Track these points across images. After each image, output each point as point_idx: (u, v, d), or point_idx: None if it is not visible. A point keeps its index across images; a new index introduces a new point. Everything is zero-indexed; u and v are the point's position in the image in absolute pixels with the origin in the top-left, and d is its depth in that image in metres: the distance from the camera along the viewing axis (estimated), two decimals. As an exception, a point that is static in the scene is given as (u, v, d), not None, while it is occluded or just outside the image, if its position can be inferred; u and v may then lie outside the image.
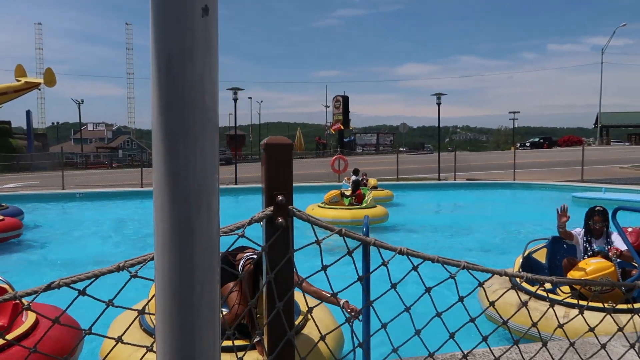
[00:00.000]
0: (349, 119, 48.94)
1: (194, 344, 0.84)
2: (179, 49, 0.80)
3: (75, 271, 5.86)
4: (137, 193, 19.44)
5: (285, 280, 1.09)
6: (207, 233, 0.84)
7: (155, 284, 0.86)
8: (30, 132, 47.19)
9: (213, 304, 0.85)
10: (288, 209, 1.05)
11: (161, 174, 0.82)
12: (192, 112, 0.81)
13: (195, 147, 0.82)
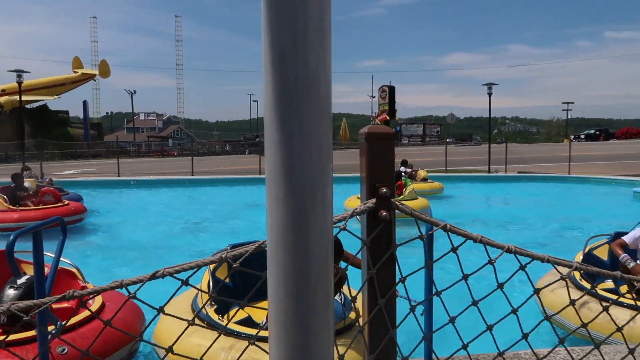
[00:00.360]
0: (395, 110, 48.30)
1: (308, 337, 0.82)
2: (292, 40, 0.77)
3: (135, 255, 6.10)
4: (189, 181, 19.97)
5: (387, 277, 1.06)
6: (322, 225, 0.81)
7: (268, 276, 0.84)
8: (87, 122, 49.25)
9: (327, 298, 0.83)
10: (391, 201, 1.02)
11: (276, 165, 0.80)
12: (306, 104, 0.79)
13: (311, 138, 0.79)
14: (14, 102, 40.57)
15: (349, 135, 61.72)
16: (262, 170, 22.37)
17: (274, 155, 0.79)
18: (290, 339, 0.82)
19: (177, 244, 9.74)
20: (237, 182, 20.06)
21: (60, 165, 29.74)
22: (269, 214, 0.82)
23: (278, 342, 0.83)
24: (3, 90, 41.63)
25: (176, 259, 8.55)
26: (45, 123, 42.57)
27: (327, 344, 0.84)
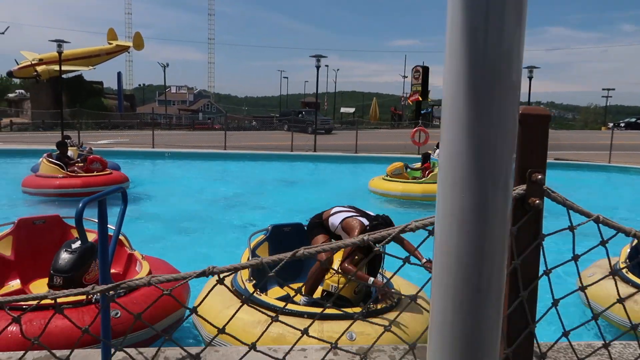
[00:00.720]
0: (428, 90, 47.50)
1: (479, 329, 0.77)
2: (485, 20, 0.69)
3: (172, 225, 6.13)
4: (221, 155, 20.13)
5: (531, 268, 0.99)
6: (502, 214, 0.75)
7: (435, 263, 0.78)
8: (121, 93, 49.93)
9: (500, 288, 0.77)
10: (543, 189, 0.94)
11: (457, 149, 0.73)
12: (496, 89, 0.71)
13: (498, 123, 0.72)
14: (50, 72, 41.37)
15: (378, 115, 61.07)
16: (294, 147, 22.38)
17: (457, 139, 0.72)
18: (460, 330, 0.76)
19: (212, 216, 9.85)
20: (269, 158, 20.12)
21: (94, 135, 30.34)
22: (443, 199, 0.75)
23: (443, 333, 0.78)
24: (41, 60, 42.46)
25: (211, 232, 8.66)
26: (81, 93, 43.33)
27: (496, 338, 0.78)
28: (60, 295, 1.03)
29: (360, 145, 23.25)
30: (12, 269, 4.47)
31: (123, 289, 0.93)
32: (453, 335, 0.78)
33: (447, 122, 0.74)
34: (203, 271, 0.94)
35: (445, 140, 0.75)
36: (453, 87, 0.73)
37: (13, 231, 4.59)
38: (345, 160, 20.96)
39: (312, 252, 0.93)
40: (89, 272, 3.99)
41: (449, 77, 0.73)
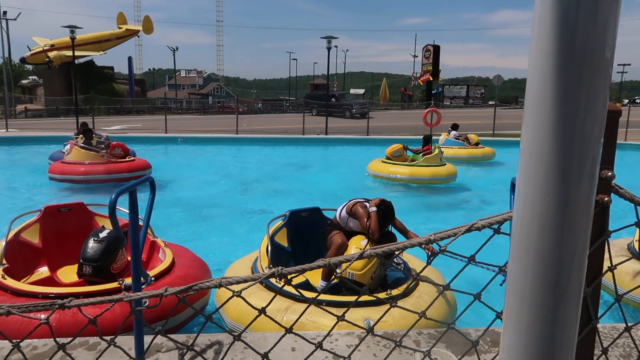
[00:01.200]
0: (439, 70, 46.92)
1: (556, 329, 0.77)
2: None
3: (191, 212, 6.19)
4: (233, 139, 20.17)
5: (596, 264, 0.99)
6: (587, 208, 0.74)
7: (512, 260, 0.78)
8: (132, 78, 49.97)
9: (579, 286, 0.77)
10: (611, 185, 0.93)
11: (541, 137, 0.72)
12: (590, 68, 0.69)
13: (588, 109, 0.70)
14: (62, 57, 41.46)
15: (388, 96, 60.55)
16: (305, 130, 22.33)
17: (542, 130, 0.71)
18: (537, 328, 0.77)
19: (228, 202, 9.90)
20: (281, 142, 20.11)
21: (107, 121, 30.50)
22: (523, 195, 0.75)
23: (520, 329, 0.78)
24: (52, 45, 42.54)
25: (229, 218, 8.72)
26: (92, 78, 43.46)
27: (573, 335, 0.78)
28: (135, 297, 1.05)
29: (371, 128, 23.14)
30: (41, 256, 4.54)
31: (194, 290, 0.94)
32: (530, 334, 0.78)
33: (531, 107, 0.72)
34: (272, 273, 0.95)
35: (529, 127, 0.73)
36: (541, 70, 0.70)
37: (40, 219, 4.66)
38: (357, 142, 20.89)
39: (381, 252, 0.94)
40: (116, 261, 4.05)
41: (537, 58, 0.71)
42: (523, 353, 0.79)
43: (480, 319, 3.42)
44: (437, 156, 11.38)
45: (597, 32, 0.69)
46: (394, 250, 0.96)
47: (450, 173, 11.38)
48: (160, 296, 0.98)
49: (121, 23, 49.42)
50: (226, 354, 2.95)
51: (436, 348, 3.18)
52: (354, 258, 0.90)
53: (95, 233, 4.18)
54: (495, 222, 0.94)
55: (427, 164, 11.20)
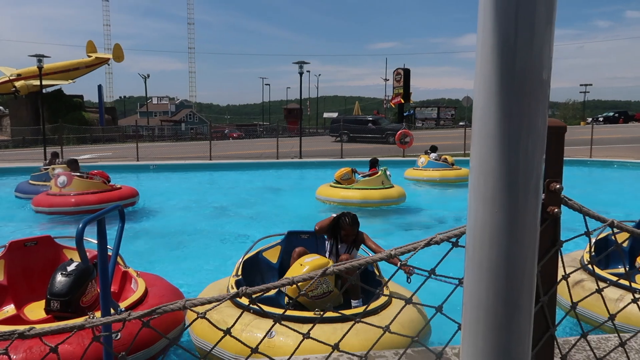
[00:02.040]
0: (410, 92, 47.91)
1: (511, 338, 0.79)
2: (516, 25, 0.72)
3: (165, 239, 6.12)
4: (207, 165, 20.05)
5: (551, 274, 1.02)
6: (533, 223, 0.78)
7: (467, 275, 0.81)
8: (102, 106, 49.42)
9: (531, 297, 0.80)
10: (560, 197, 0.98)
11: (488, 159, 0.76)
12: (528, 92, 0.74)
13: (529, 129, 0.75)
14: (29, 87, 40.83)
15: (361, 118, 61.37)
16: (279, 154, 22.36)
17: (488, 149, 0.75)
18: (493, 340, 0.79)
19: (202, 227, 9.79)
20: (255, 167, 20.08)
21: (76, 150, 29.96)
22: (474, 211, 0.78)
23: (476, 341, 0.80)
24: (19, 75, 41.88)
25: (203, 244, 8.62)
26: (61, 107, 42.82)
27: (527, 345, 0.81)
28: (98, 323, 1.03)
29: (345, 150, 23.34)
30: (6, 293, 4.38)
31: (158, 314, 0.93)
32: (486, 345, 0.80)
33: (478, 132, 0.76)
34: (237, 293, 0.95)
35: (476, 150, 0.77)
36: (486, 96, 0.75)
37: (5, 254, 4.50)
38: (332, 165, 21.01)
39: (341, 269, 0.96)
40: (85, 294, 3.93)
41: (482, 87, 0.75)
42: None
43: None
44: (378, 179, 11.27)
45: (534, 56, 0.74)
46: (356, 266, 0.98)
47: (401, 195, 11.40)
48: (123, 321, 0.97)
49: (91, 51, 49.09)
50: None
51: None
52: (317, 276, 0.91)
53: (63, 266, 4.06)
54: (453, 235, 0.97)
55: (365, 186, 11.12)
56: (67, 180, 10.49)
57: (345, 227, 4.49)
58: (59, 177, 10.54)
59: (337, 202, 11.28)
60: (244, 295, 0.95)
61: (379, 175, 11.34)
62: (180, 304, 0.94)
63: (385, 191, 11.13)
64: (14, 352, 3.27)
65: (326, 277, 4.18)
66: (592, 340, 3.44)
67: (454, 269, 1.29)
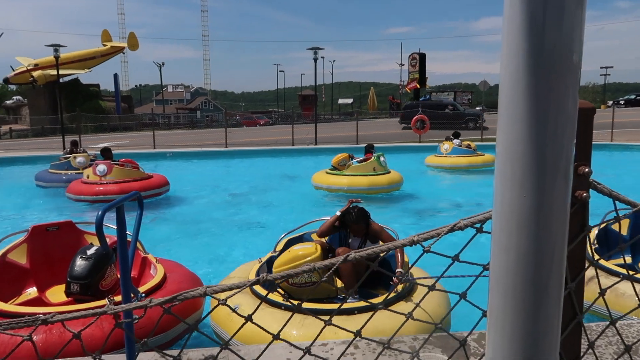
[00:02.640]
0: (426, 77, 47.32)
1: (539, 326, 0.77)
2: (544, 4, 0.69)
3: (183, 226, 6.15)
4: (223, 152, 20.14)
5: (578, 260, 1.00)
6: (563, 208, 0.75)
7: (493, 261, 0.79)
8: (118, 95, 49.79)
9: (560, 284, 0.77)
10: (589, 181, 0.95)
11: (516, 143, 0.73)
12: (557, 73, 0.71)
13: (558, 112, 0.72)
14: (47, 76, 41.27)
15: (376, 104, 60.92)
16: (295, 141, 22.36)
17: (515, 132, 0.72)
18: (520, 326, 0.77)
19: (219, 214, 9.88)
20: (271, 153, 20.12)
21: (94, 138, 30.31)
22: (501, 195, 0.76)
23: (503, 328, 0.78)
24: (36, 65, 42.34)
25: (220, 230, 8.69)
26: (78, 97, 43.25)
27: (556, 332, 0.79)
28: (119, 309, 1.04)
29: (360, 136, 23.24)
30: (29, 276, 4.48)
31: (179, 300, 0.94)
32: (514, 332, 0.79)
33: (505, 114, 0.74)
34: (257, 279, 0.94)
35: (503, 133, 0.74)
36: (513, 78, 0.72)
37: (27, 239, 4.60)
38: (348, 151, 20.94)
39: (363, 255, 0.94)
40: (105, 278, 4.00)
41: (508, 69, 0.72)
42: (508, 351, 0.80)
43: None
44: (369, 165, 10.99)
45: (564, 36, 0.70)
46: (377, 252, 0.96)
47: (391, 182, 11.06)
48: (144, 307, 0.97)
49: (106, 40, 49.39)
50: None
51: (432, 352, 3.17)
52: (338, 262, 0.90)
53: (83, 250, 4.13)
54: (478, 220, 0.95)
55: (355, 173, 10.87)
56: (107, 169, 10.65)
57: (349, 224, 4.36)
58: (99, 166, 10.70)
59: (326, 189, 11.13)
60: (264, 282, 0.94)
61: (370, 161, 11.05)
62: (201, 290, 0.94)
63: (374, 178, 10.84)
64: (34, 333, 3.34)
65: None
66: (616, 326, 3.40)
67: (474, 256, 1.27)
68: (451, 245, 1.05)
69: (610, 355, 2.98)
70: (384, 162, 11.31)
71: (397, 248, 0.97)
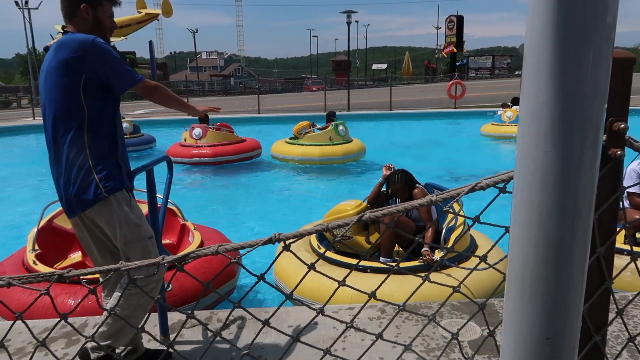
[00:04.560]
0: (463, 41, 45.82)
1: (565, 287, 0.73)
2: None
3: (219, 194, 6.19)
4: (255, 119, 20.23)
5: (609, 223, 0.94)
6: (590, 172, 0.69)
7: (514, 221, 0.74)
8: (153, 62, 50.09)
9: (585, 246, 0.72)
10: (625, 138, 0.88)
11: (542, 99, 0.67)
12: (588, 33, 0.64)
13: (589, 72, 0.66)
14: (85, 45, 41.94)
15: (412, 69, 59.55)
16: (327, 107, 22.19)
17: (541, 88, 0.67)
18: (540, 289, 0.73)
19: (255, 182, 9.95)
20: (304, 120, 20.03)
21: (131, 105, 30.91)
22: (524, 151, 0.71)
23: (522, 291, 0.75)
24: (74, 33, 43.04)
25: (255, 198, 8.77)
26: (115, 64, 43.90)
27: (579, 297, 0.74)
28: (132, 266, 1.05)
29: (394, 102, 22.85)
30: (74, 241, 4.64)
31: (191, 258, 0.94)
32: (533, 296, 0.75)
33: (530, 69, 0.68)
34: (269, 238, 0.93)
35: (527, 89, 0.69)
36: (542, 38, 0.66)
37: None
38: (380, 118, 20.67)
39: (378, 214, 0.91)
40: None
41: (536, 27, 0.66)
42: (526, 315, 0.76)
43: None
44: (325, 134, 10.52)
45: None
46: (393, 212, 0.93)
47: (347, 152, 10.56)
48: (157, 264, 0.98)
49: (140, 7, 49.48)
50: (245, 327, 2.99)
51: (459, 319, 3.16)
52: (352, 222, 0.88)
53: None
54: (500, 180, 0.90)
55: (309, 142, 10.48)
56: (202, 133, 11.02)
57: (392, 185, 4.41)
58: (194, 130, 11.13)
59: (280, 159, 10.89)
60: (277, 241, 0.93)
61: (327, 130, 10.61)
62: (213, 249, 0.93)
63: (327, 148, 10.42)
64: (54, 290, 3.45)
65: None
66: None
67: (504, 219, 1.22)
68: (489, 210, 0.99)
69: (633, 326, 2.88)
70: (343, 131, 10.78)
71: (413, 207, 0.93)
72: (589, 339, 0.98)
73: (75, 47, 2.25)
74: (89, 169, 2.29)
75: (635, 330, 2.85)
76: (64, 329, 2.97)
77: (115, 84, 2.40)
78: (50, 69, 2.29)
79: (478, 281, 3.62)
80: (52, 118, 2.30)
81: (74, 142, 2.28)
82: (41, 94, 2.37)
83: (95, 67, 2.29)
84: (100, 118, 2.35)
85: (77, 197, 2.30)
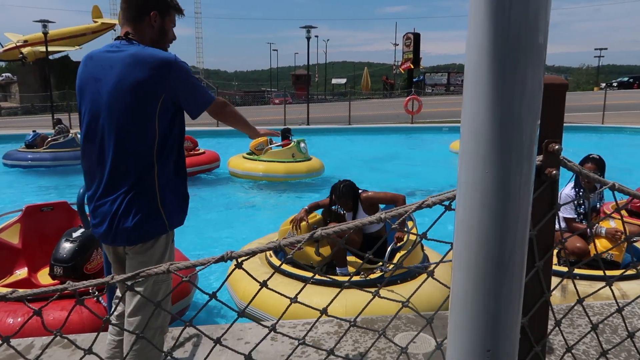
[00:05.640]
0: (420, 58, 47.05)
1: (502, 304, 0.77)
2: None
3: (194, 204, 6.00)
4: (214, 132, 20.02)
5: (547, 238, 0.99)
6: (526, 186, 0.74)
7: (456, 238, 0.78)
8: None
9: (522, 262, 0.77)
10: (559, 159, 0.93)
11: (480, 121, 0.71)
12: (523, 54, 0.69)
13: (523, 92, 0.70)
14: (37, 53, 40.56)
15: (370, 84, 60.54)
16: (287, 121, 22.24)
17: (480, 110, 0.71)
18: (481, 304, 0.77)
19: (212, 197, 9.83)
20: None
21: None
22: (464, 172, 0.74)
23: (465, 306, 0.78)
24: (25, 41, 41.59)
25: (218, 214, 8.65)
26: (69, 74, 42.60)
27: (517, 310, 0.78)
28: (80, 286, 1.03)
29: (353, 117, 23.15)
30: (20, 257, 4.44)
31: (142, 277, 0.92)
32: (474, 310, 0.78)
33: (470, 92, 0.72)
34: (221, 256, 0.93)
35: (467, 111, 0.73)
36: (477, 58, 0.70)
37: (21, 219, 4.54)
38: (339, 132, 20.89)
39: (329, 232, 0.93)
40: (90, 262, 3.95)
41: (474, 48, 0.70)
42: (469, 328, 0.79)
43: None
44: (288, 151, 10.55)
45: (529, 19, 0.69)
46: (344, 229, 0.95)
47: (310, 169, 10.62)
48: (106, 284, 0.96)
49: (96, 17, 48.49)
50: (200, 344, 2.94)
51: (414, 332, 3.21)
52: (304, 239, 0.89)
53: (69, 232, 4.08)
54: (446, 198, 0.94)
55: (272, 159, 10.51)
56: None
57: (336, 198, 4.40)
58: None
59: (241, 175, 10.75)
60: (228, 259, 0.93)
61: (289, 147, 10.62)
62: (164, 267, 0.93)
63: (292, 165, 10.45)
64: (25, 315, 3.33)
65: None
66: (595, 306, 3.44)
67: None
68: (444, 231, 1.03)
69: (578, 336, 3.02)
70: (304, 149, 10.84)
71: (364, 224, 0.96)
72: (530, 350, 1.02)
73: (155, 66, 1.99)
74: (154, 200, 2.03)
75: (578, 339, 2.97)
76: (7, 352, 2.84)
77: (192, 108, 2.15)
78: (122, 86, 1.99)
79: (429, 296, 3.70)
80: (115, 141, 2.00)
81: (141, 170, 2.01)
82: (93, 107, 2.07)
83: (175, 90, 2.04)
84: (170, 144, 2.09)
85: (136, 228, 2.00)
